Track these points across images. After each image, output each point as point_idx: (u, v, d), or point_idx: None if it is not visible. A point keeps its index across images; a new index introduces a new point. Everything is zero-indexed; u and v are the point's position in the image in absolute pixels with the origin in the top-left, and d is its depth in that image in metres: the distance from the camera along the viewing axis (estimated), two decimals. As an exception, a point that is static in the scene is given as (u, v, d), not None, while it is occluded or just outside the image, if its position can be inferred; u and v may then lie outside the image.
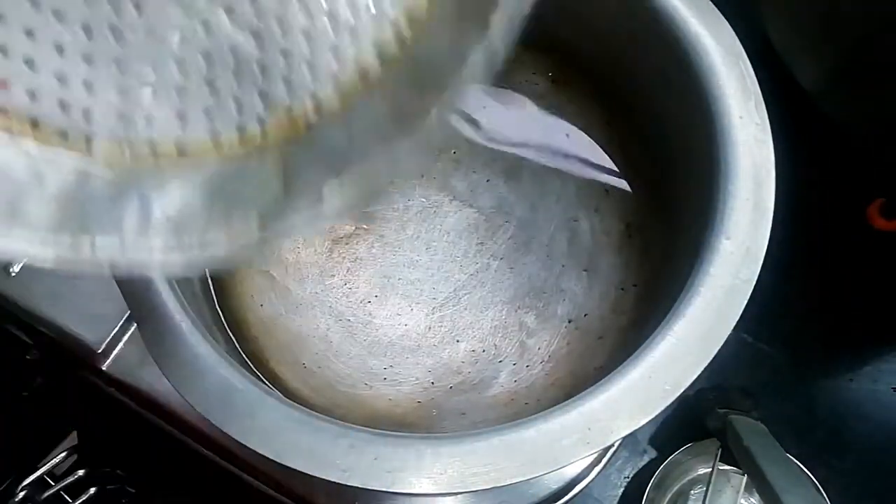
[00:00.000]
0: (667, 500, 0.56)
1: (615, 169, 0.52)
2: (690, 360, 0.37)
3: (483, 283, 0.52)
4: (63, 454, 0.50)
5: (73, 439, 0.50)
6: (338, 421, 0.36)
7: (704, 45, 0.42)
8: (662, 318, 0.38)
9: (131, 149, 0.30)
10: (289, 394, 0.38)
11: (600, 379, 0.37)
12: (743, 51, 0.42)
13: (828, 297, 0.62)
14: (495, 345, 0.52)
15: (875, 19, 0.48)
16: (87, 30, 0.29)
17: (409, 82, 0.30)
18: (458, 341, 0.51)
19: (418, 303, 0.51)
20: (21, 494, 0.48)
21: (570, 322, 0.51)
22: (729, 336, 0.36)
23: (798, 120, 0.46)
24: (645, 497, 0.54)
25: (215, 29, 0.30)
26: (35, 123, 0.29)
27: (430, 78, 0.28)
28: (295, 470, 0.35)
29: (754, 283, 0.38)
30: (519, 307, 0.51)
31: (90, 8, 0.29)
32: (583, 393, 0.37)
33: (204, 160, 0.30)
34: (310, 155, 0.30)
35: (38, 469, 0.49)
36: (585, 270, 0.52)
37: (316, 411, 0.37)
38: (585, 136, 0.53)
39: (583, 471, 0.54)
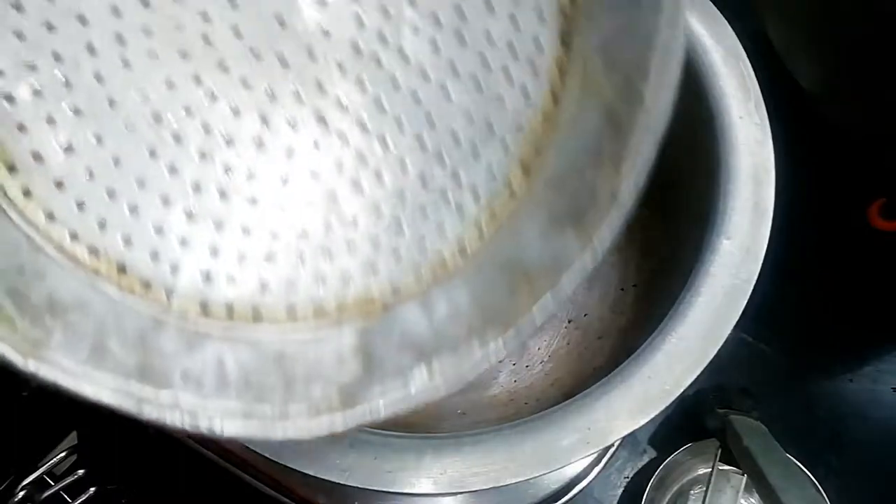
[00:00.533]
0: (667, 500, 0.56)
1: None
2: (690, 360, 0.37)
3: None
4: (63, 454, 0.50)
5: (72, 439, 0.50)
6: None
7: (705, 45, 0.43)
8: (662, 319, 0.39)
9: (208, 305, 0.31)
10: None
11: (600, 379, 0.37)
12: (743, 51, 0.43)
13: (828, 298, 0.63)
14: None
15: (875, 18, 0.48)
16: (196, 186, 0.31)
17: (495, 272, 0.31)
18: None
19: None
20: (21, 494, 0.48)
21: (569, 322, 0.52)
22: (729, 336, 0.37)
23: (798, 120, 0.47)
24: (645, 497, 0.55)
25: (314, 210, 0.32)
26: (122, 269, 0.30)
27: (521, 274, 0.29)
28: (295, 470, 0.35)
29: (754, 283, 0.39)
30: (518, 307, 0.52)
31: (203, 166, 0.31)
32: (582, 393, 0.37)
33: (277, 327, 0.31)
34: (389, 336, 0.30)
35: (37, 469, 0.49)
36: None
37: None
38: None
39: (582, 471, 0.55)
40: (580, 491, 0.55)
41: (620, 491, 0.58)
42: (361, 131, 0.33)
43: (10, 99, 0.30)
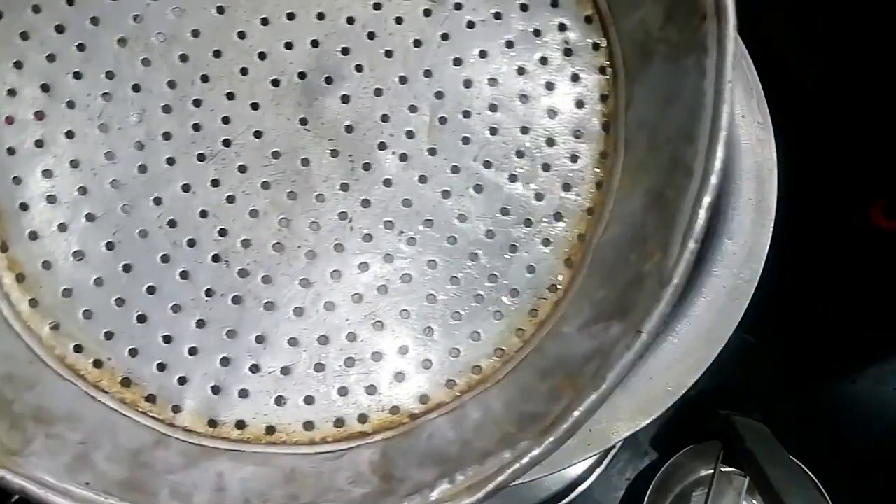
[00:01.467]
0: (668, 502, 0.56)
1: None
2: (692, 360, 0.36)
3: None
4: None
5: None
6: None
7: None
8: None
9: (217, 420, 0.29)
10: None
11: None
12: (745, 49, 0.41)
13: (831, 298, 0.63)
14: None
15: (878, 19, 0.49)
16: (209, 291, 0.30)
17: (533, 376, 0.29)
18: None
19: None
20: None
21: None
22: (731, 336, 0.37)
23: (801, 119, 0.46)
24: (646, 500, 0.55)
25: (337, 308, 0.31)
26: (127, 382, 0.29)
27: (563, 375, 0.27)
28: None
29: (756, 283, 0.38)
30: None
31: (218, 270, 0.30)
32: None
33: (291, 443, 0.30)
34: (414, 450, 0.29)
35: None
36: None
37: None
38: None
39: (584, 472, 0.55)
40: (581, 493, 0.55)
41: (622, 493, 0.59)
42: (387, 230, 0.31)
43: (24, 207, 0.30)
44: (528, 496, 0.54)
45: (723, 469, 0.55)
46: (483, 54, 0.32)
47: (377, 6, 0.32)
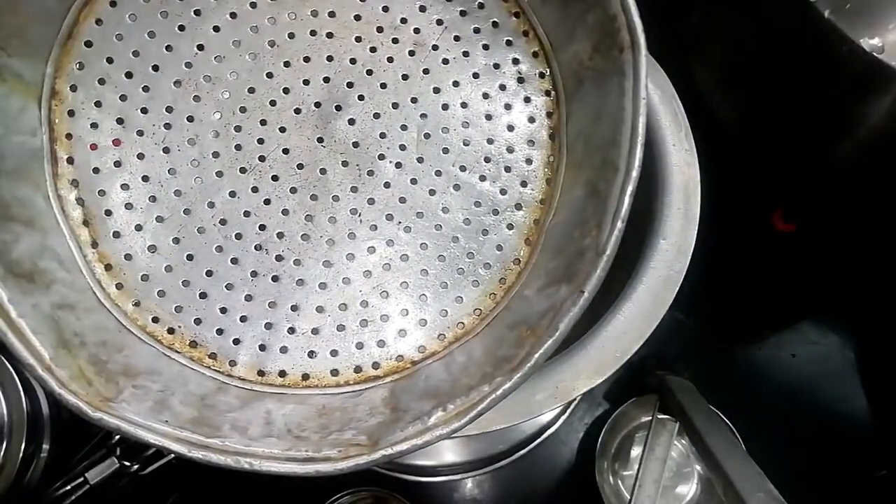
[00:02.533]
0: (616, 441, 0.57)
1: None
2: (635, 333, 0.37)
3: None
4: None
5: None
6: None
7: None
8: (613, 302, 0.38)
9: (265, 371, 0.30)
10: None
11: (565, 349, 0.36)
12: (675, 92, 0.42)
13: (742, 284, 0.64)
14: None
15: (776, 69, 0.49)
16: (254, 273, 0.30)
17: (504, 328, 0.30)
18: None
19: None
20: (117, 437, 0.46)
21: None
22: (665, 315, 0.37)
23: (718, 146, 0.46)
24: (600, 439, 0.55)
25: (353, 282, 0.31)
26: (194, 344, 0.30)
27: (525, 326, 0.28)
28: None
29: (684, 273, 0.38)
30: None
31: (259, 257, 0.31)
32: (552, 359, 0.35)
33: (322, 386, 0.30)
34: (415, 388, 0.29)
35: None
36: None
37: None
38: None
39: (552, 419, 0.56)
40: (549, 435, 0.56)
41: (581, 435, 0.59)
42: (388, 221, 0.32)
43: (108, 213, 0.30)
44: (508, 437, 0.56)
45: (659, 417, 0.55)
46: (455, 84, 0.33)
47: (373, 49, 0.32)
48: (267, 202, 0.31)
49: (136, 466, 0.47)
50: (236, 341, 0.30)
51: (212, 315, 0.30)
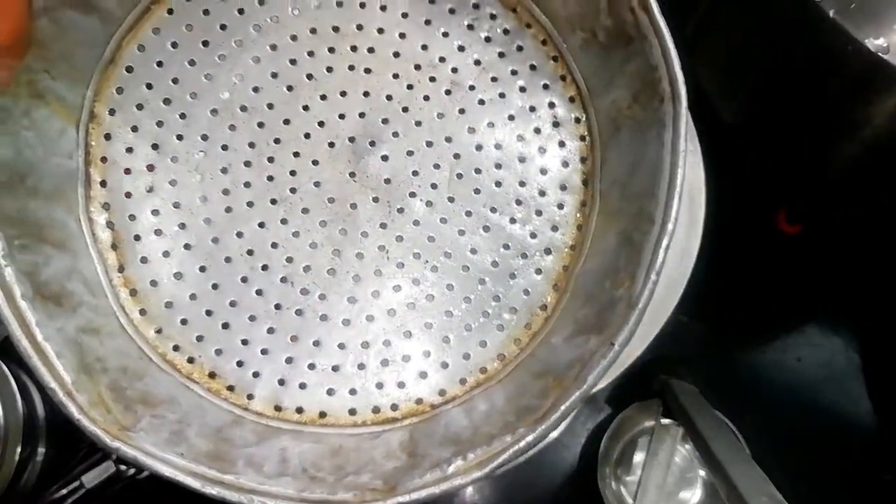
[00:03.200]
0: (619, 446, 0.56)
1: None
2: (638, 336, 0.33)
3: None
4: None
5: None
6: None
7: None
8: None
9: (282, 406, 0.30)
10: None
11: None
12: None
13: (745, 287, 0.63)
14: None
15: (780, 69, 0.49)
16: (278, 305, 0.30)
17: (528, 376, 0.30)
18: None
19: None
20: None
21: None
22: (669, 317, 0.37)
23: (721, 147, 0.45)
24: (602, 444, 0.55)
25: (376, 320, 0.31)
26: (213, 375, 0.30)
27: (552, 377, 0.28)
28: None
29: (688, 276, 0.38)
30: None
31: (284, 289, 0.31)
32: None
33: (339, 425, 0.30)
34: (434, 433, 0.29)
35: None
36: None
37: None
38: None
39: None
40: (552, 440, 0.52)
41: (583, 439, 0.58)
42: (415, 259, 0.31)
43: (137, 238, 0.30)
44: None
45: (662, 421, 0.55)
46: (490, 125, 0.33)
47: (410, 87, 0.32)
48: (296, 234, 0.31)
49: (132, 471, 0.46)
50: (255, 374, 0.30)
51: (233, 346, 0.30)
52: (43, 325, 0.25)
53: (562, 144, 0.33)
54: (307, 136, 0.32)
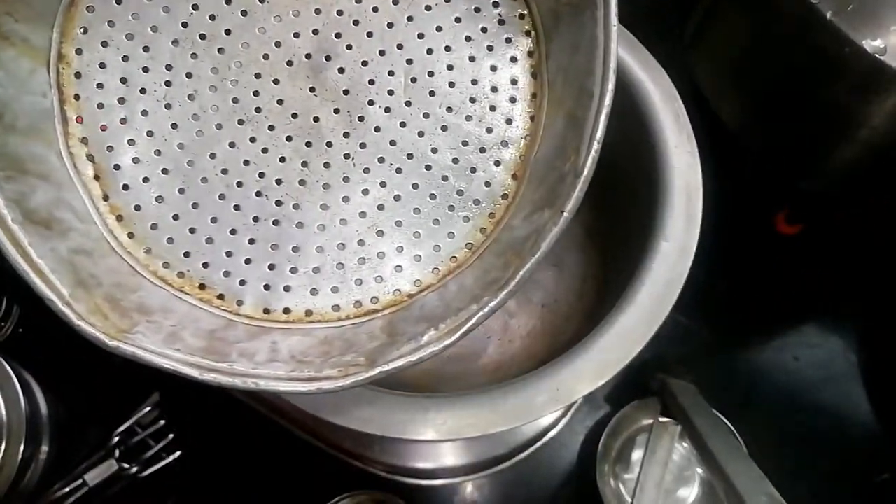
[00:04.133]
0: (618, 444, 0.57)
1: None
2: (637, 336, 0.37)
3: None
4: (148, 408, 0.51)
5: (156, 397, 0.51)
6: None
7: (647, 89, 0.43)
8: (615, 304, 0.38)
9: (270, 308, 0.32)
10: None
11: (567, 351, 0.37)
12: (677, 93, 0.43)
13: (744, 287, 0.64)
14: (484, 324, 0.51)
15: (778, 71, 0.50)
16: (255, 218, 0.32)
17: (493, 256, 0.31)
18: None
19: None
20: (116, 439, 0.50)
21: (543, 306, 0.52)
22: (667, 317, 0.37)
23: (720, 148, 0.47)
24: (601, 442, 0.55)
25: (349, 223, 0.33)
26: (203, 286, 0.32)
27: (511, 252, 0.29)
28: (329, 421, 0.35)
29: (686, 276, 0.38)
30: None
31: (260, 202, 0.32)
32: (553, 362, 0.37)
33: (324, 320, 0.32)
34: (411, 316, 0.31)
35: (128, 420, 0.50)
36: (555, 266, 0.53)
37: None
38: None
39: (553, 422, 0.56)
40: (551, 437, 0.56)
41: (582, 437, 0.58)
42: (380, 163, 0.33)
43: (117, 167, 0.32)
44: (509, 440, 0.55)
45: (660, 420, 0.55)
46: (439, 28, 0.34)
47: (358, 0, 0.34)
48: (265, 151, 0.33)
49: (135, 469, 0.49)
50: (242, 282, 0.32)
51: (218, 259, 0.32)
52: (36, 245, 0.27)
53: (508, 41, 0.34)
54: (266, 56, 0.33)
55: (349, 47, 0.34)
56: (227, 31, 0.33)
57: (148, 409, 0.51)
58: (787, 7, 0.45)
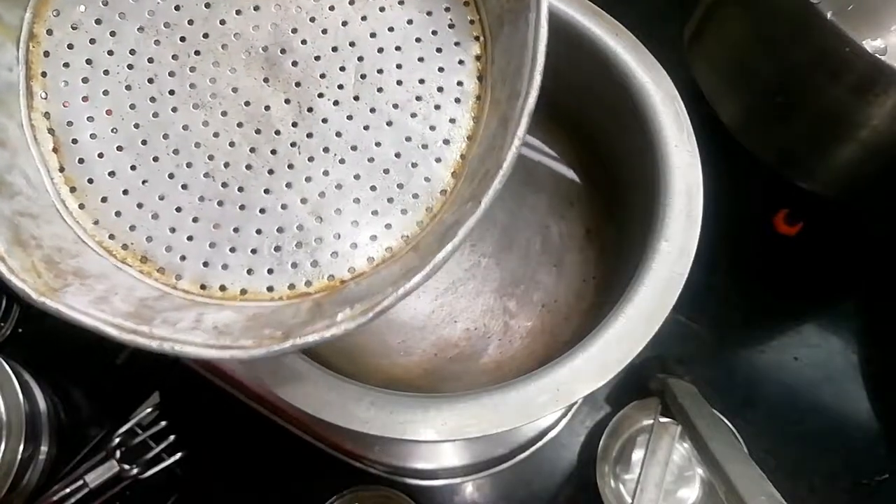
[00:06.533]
0: (618, 445, 0.57)
1: (579, 182, 0.52)
2: (637, 335, 0.37)
3: (475, 276, 0.53)
4: (149, 409, 0.52)
5: (156, 398, 0.53)
6: (361, 384, 0.37)
7: (647, 90, 0.44)
8: (615, 303, 0.38)
9: (206, 285, 0.33)
10: (323, 362, 0.39)
11: (567, 351, 0.37)
12: (677, 94, 0.43)
13: (744, 287, 0.65)
14: (485, 324, 0.52)
15: (778, 71, 0.50)
16: (201, 197, 0.34)
17: (423, 251, 0.32)
18: (455, 322, 0.52)
19: (425, 291, 0.52)
20: (117, 440, 0.50)
21: (543, 306, 0.52)
22: (667, 317, 0.37)
23: (720, 148, 0.47)
24: (601, 443, 0.55)
25: (290, 208, 0.34)
26: (144, 259, 0.33)
27: (438, 245, 0.30)
28: (329, 422, 0.36)
29: (686, 275, 0.38)
30: (503, 295, 0.53)
31: (207, 183, 0.34)
32: (553, 362, 0.37)
33: (258, 300, 0.33)
34: (338, 299, 0.32)
35: (129, 421, 0.51)
36: (555, 266, 0.53)
37: (345, 377, 0.38)
38: (559, 160, 0.55)
39: (553, 422, 0.57)
40: (551, 438, 0.56)
41: (582, 438, 0.59)
42: (325, 153, 0.35)
43: (75, 142, 0.34)
44: (509, 441, 0.56)
45: (660, 420, 0.55)
46: (391, 29, 0.36)
47: (316, -1, 0.36)
48: (216, 135, 0.35)
49: (135, 470, 0.50)
50: (182, 258, 0.33)
51: (162, 234, 0.34)
52: (-22, 202, 0.29)
53: (457, 44, 0.35)
54: (224, 46, 0.35)
55: (304, 42, 0.35)
56: (190, 21, 0.35)
57: (148, 409, 0.52)
58: (787, 7, 0.45)
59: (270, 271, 0.33)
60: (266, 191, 0.34)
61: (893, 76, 0.42)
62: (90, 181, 0.34)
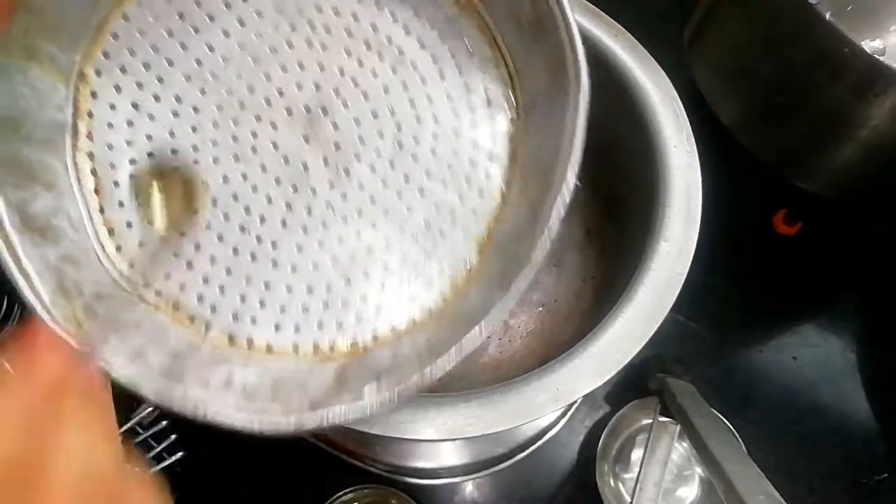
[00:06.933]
0: (617, 444, 0.58)
1: (579, 182, 0.54)
2: (636, 335, 0.38)
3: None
4: (149, 409, 0.53)
5: None
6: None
7: (647, 90, 0.45)
8: (615, 303, 0.39)
9: (234, 337, 0.34)
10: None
11: (566, 351, 0.38)
12: (677, 95, 0.44)
13: (743, 287, 0.66)
14: None
15: (778, 71, 0.51)
16: (235, 250, 0.35)
17: (446, 326, 0.33)
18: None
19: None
20: None
21: (542, 306, 0.53)
22: (666, 317, 0.38)
23: (720, 148, 0.48)
24: (600, 442, 0.56)
25: (320, 268, 0.35)
26: (177, 307, 0.34)
27: (462, 323, 0.31)
28: None
29: (685, 275, 0.39)
30: (504, 295, 0.54)
31: (242, 236, 0.35)
32: (552, 361, 0.38)
33: (283, 358, 0.34)
34: (362, 367, 0.33)
35: (129, 421, 0.52)
36: (555, 266, 0.54)
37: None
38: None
39: (552, 421, 0.57)
40: (550, 437, 0.57)
41: (581, 437, 0.59)
42: (358, 216, 0.36)
43: (116, 184, 0.35)
44: (508, 440, 0.57)
45: (660, 419, 0.56)
46: (430, 99, 0.37)
47: (360, 63, 0.36)
48: (254, 189, 0.36)
49: (136, 470, 0.51)
50: (213, 309, 0.34)
51: (195, 283, 0.35)
52: (27, 249, 0.30)
53: (493, 122, 0.37)
54: (268, 102, 0.36)
55: (345, 105, 0.36)
56: (237, 74, 0.36)
57: (149, 409, 0.52)
58: (787, 7, 0.46)
59: (297, 329, 0.35)
60: (299, 248, 0.35)
61: (892, 76, 0.42)
62: (129, 225, 0.35)
